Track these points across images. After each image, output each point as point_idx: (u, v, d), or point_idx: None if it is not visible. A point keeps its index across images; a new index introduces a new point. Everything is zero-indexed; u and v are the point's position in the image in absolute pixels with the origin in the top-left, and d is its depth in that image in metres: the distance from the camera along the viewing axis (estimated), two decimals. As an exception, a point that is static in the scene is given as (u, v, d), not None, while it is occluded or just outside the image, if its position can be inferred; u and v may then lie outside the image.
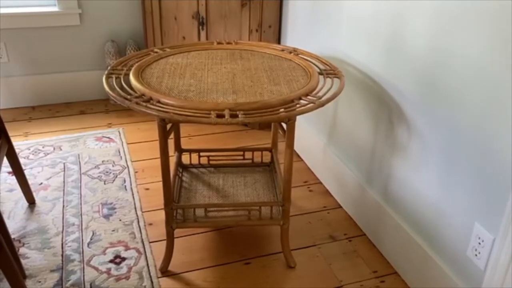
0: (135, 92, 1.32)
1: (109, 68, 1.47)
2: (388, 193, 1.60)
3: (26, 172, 2.04)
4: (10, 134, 1.71)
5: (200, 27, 2.39)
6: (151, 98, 1.28)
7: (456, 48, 1.21)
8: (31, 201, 1.85)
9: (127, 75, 1.45)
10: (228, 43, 1.77)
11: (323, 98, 1.31)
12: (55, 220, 1.76)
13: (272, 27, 2.36)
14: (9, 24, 2.48)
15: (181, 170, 1.79)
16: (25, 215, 1.79)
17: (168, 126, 1.40)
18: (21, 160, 2.12)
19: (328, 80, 1.49)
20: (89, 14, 2.59)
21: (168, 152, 1.38)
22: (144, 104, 1.24)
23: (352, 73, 1.74)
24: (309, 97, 1.33)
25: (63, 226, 1.73)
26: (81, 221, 1.76)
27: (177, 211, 1.53)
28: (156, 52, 1.63)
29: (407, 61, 1.42)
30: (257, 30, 2.35)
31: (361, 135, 1.73)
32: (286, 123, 1.40)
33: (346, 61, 1.78)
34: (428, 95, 1.34)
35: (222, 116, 1.20)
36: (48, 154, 2.21)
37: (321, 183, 2.04)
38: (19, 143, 2.27)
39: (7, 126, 1.69)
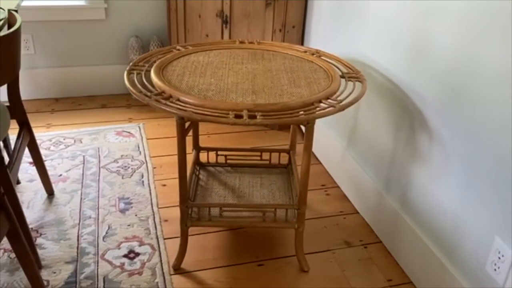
0: (156, 89, 1.32)
1: (131, 64, 1.48)
2: (406, 201, 1.57)
3: (47, 164, 2.07)
4: (33, 125, 1.74)
5: (224, 25, 2.39)
6: (170, 96, 1.28)
7: (482, 53, 1.18)
8: (50, 192, 1.87)
9: (148, 71, 1.45)
10: (251, 42, 1.76)
11: (343, 102, 1.29)
12: (72, 212, 1.78)
13: (295, 27, 2.34)
14: (36, 16, 2.52)
15: (198, 168, 1.79)
16: (43, 206, 1.81)
17: (187, 124, 1.40)
18: (42, 151, 2.16)
19: (350, 84, 1.47)
20: (115, 9, 2.61)
21: (185, 150, 1.37)
22: (163, 101, 1.24)
23: (374, 77, 1.71)
24: (329, 100, 1.31)
25: (79, 218, 1.75)
26: (98, 214, 1.78)
27: (192, 209, 1.53)
28: (178, 50, 1.63)
29: (431, 67, 1.39)
30: (280, 30, 2.34)
31: (381, 140, 1.70)
32: (304, 125, 1.38)
33: (369, 64, 1.75)
34: (452, 102, 1.31)
35: (240, 116, 1.19)
36: (68, 146, 2.23)
37: (338, 187, 2.02)
38: (41, 134, 2.30)
39: (31, 116, 1.72)
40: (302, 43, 2.37)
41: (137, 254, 1.59)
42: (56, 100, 2.71)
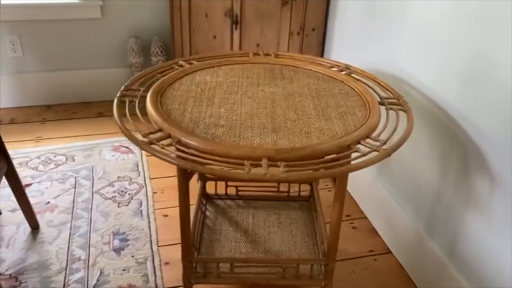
0: (152, 124, 1.06)
1: (122, 88, 1.21)
2: (456, 251, 1.30)
3: (33, 187, 1.83)
4: (21, 138, 1.50)
5: (234, 26, 2.11)
6: (169, 136, 1.01)
7: None
8: (35, 226, 1.63)
9: (144, 97, 1.19)
10: (267, 54, 1.48)
11: (388, 145, 1.01)
12: (59, 252, 1.53)
13: (316, 30, 2.06)
14: (24, 15, 2.25)
15: (204, 202, 1.53)
16: (26, 244, 1.56)
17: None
18: (30, 172, 1.92)
19: (390, 113, 1.19)
20: (112, 7, 2.34)
21: (188, 201, 1.11)
22: (161, 145, 0.98)
23: (413, 97, 1.43)
24: (369, 140, 1.04)
25: (67, 260, 1.50)
26: (88, 254, 1.53)
27: (197, 263, 1.27)
28: (181, 66, 1.36)
29: (493, 92, 1.11)
30: (298, 33, 2.06)
31: (422, 173, 1.43)
32: (337, 169, 1.11)
33: (406, 81, 1.48)
34: (525, 144, 1.04)
35: (258, 165, 0.93)
36: (59, 165, 1.98)
37: (366, 218, 1.76)
38: (29, 150, 2.05)
39: (19, 128, 1.49)
40: (322, 49, 2.09)
41: (133, 311, 1.35)
42: (48, 107, 2.45)
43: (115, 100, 1.16)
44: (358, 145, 1.02)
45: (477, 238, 1.21)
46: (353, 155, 1.01)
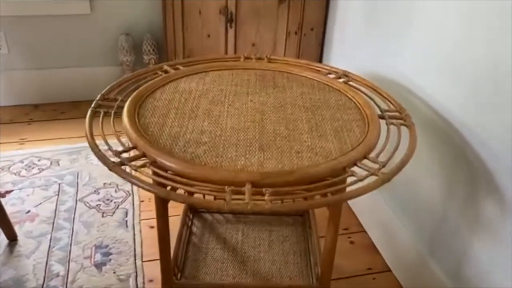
0: (124, 141, 0.96)
1: (98, 97, 1.11)
2: (462, 277, 1.20)
3: (14, 195, 1.74)
4: (4, 140, 1.40)
5: (228, 24, 2.00)
6: (144, 155, 0.91)
7: None
8: (12, 238, 1.53)
9: (121, 107, 1.09)
10: (259, 58, 1.37)
11: (387, 167, 0.91)
12: (36, 267, 1.44)
13: (314, 29, 1.94)
14: (10, 11, 2.15)
15: (191, 216, 1.43)
16: (1, 258, 1.47)
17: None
18: (11, 178, 1.82)
19: (391, 128, 1.08)
20: (101, 2, 2.22)
21: (168, 226, 1.01)
22: (133, 165, 0.88)
23: (417, 107, 1.32)
24: (367, 162, 0.94)
25: (44, 277, 1.41)
26: (68, 270, 1.44)
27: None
28: (165, 72, 1.26)
29: (504, 103, 1.01)
30: (296, 33, 1.94)
31: (425, 190, 1.33)
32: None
33: (408, 88, 1.37)
34: (541, 168, 0.93)
35: (241, 193, 0.83)
36: (43, 170, 1.88)
37: (365, 231, 1.66)
38: (12, 154, 1.95)
39: (4, 128, 1.38)
40: (321, 49, 1.97)
41: (111, 335, 1.25)
42: (36, 106, 2.36)
43: (89, 112, 1.06)
44: (355, 167, 0.92)
45: (484, 263, 1.11)
46: (349, 179, 0.90)
